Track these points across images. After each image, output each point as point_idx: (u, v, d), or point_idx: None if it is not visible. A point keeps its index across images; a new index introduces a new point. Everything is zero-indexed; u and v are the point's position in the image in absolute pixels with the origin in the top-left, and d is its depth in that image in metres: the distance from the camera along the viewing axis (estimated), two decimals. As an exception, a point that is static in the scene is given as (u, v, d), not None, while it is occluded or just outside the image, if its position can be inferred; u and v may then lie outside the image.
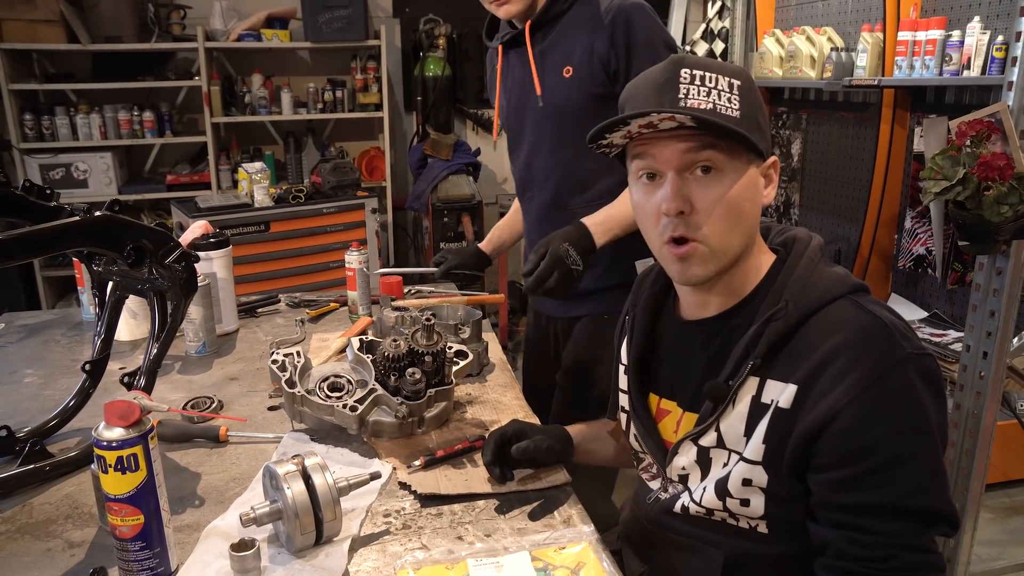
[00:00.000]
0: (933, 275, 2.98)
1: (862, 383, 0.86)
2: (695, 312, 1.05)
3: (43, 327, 1.90)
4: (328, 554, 0.99)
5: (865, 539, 0.87)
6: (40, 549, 1.02)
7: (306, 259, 3.56)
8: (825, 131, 3.58)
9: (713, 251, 0.94)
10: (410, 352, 1.31)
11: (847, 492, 0.88)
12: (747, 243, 0.97)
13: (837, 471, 0.88)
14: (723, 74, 0.93)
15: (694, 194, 0.93)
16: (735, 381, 0.95)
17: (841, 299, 0.94)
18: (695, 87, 0.91)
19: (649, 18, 1.55)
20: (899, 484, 0.87)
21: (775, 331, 0.93)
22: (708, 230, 0.93)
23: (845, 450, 0.87)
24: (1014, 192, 1.77)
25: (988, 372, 1.98)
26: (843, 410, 0.87)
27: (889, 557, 0.86)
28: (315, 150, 4.32)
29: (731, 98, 0.92)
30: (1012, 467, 2.74)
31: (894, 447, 0.86)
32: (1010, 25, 2.42)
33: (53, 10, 3.69)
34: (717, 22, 3.98)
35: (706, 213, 0.93)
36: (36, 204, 1.22)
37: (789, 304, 0.93)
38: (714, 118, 0.89)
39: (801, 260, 0.98)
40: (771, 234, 1.05)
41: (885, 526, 0.87)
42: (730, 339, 0.98)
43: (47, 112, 3.89)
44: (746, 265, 0.99)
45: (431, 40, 4.23)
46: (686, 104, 0.91)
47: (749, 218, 0.96)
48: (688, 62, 0.93)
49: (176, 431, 1.31)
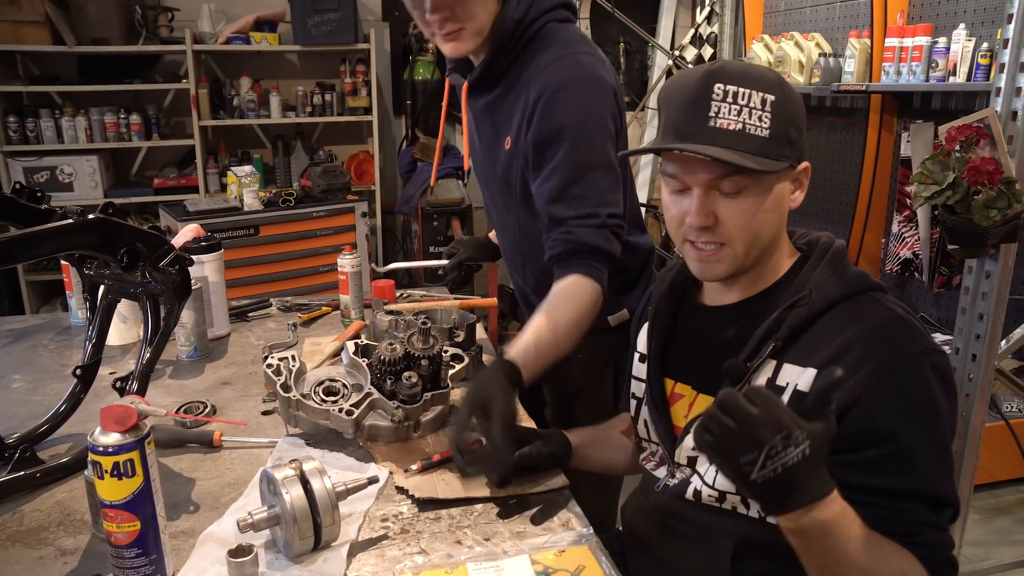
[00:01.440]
0: (920, 279, 3.00)
1: (880, 372, 0.90)
2: (718, 299, 1.09)
3: (31, 332, 1.88)
4: (326, 559, 0.98)
5: (891, 515, 0.89)
6: (32, 557, 1.01)
7: (296, 263, 3.54)
8: (813, 136, 3.61)
9: (738, 254, 0.99)
10: (406, 356, 1.31)
11: (866, 474, 0.91)
12: (771, 243, 1.01)
13: (855, 454, 0.91)
14: (758, 89, 0.93)
15: (719, 208, 0.97)
16: (754, 362, 0.98)
17: (860, 295, 0.98)
18: (727, 104, 0.93)
19: (581, 95, 1.30)
20: (915, 472, 0.90)
21: (798, 316, 0.96)
22: (735, 237, 0.98)
23: (863, 435, 0.90)
24: (1003, 196, 1.79)
25: (977, 374, 2.00)
26: (861, 397, 0.90)
27: (915, 532, 0.89)
28: (304, 154, 4.30)
29: (762, 116, 0.93)
30: (999, 468, 2.77)
31: (908, 436, 0.90)
32: (994, 33, 2.46)
33: (38, 11, 3.65)
34: (706, 27, 4.01)
35: (731, 225, 0.97)
36: (27, 207, 1.21)
37: (813, 293, 0.97)
38: (739, 145, 0.91)
39: (825, 256, 1.02)
40: (795, 236, 1.09)
41: (907, 506, 0.90)
42: (751, 324, 1.01)
43: (32, 114, 3.84)
44: (770, 261, 1.03)
45: (420, 44, 4.23)
46: (715, 124, 0.93)
47: (773, 225, 1.00)
48: (724, 75, 0.93)
49: (169, 436, 1.29)
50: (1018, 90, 1.83)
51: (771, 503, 0.81)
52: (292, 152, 4.29)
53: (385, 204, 4.40)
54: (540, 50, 1.35)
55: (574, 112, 1.29)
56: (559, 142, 1.30)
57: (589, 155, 1.30)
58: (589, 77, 1.31)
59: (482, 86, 1.42)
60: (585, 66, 1.32)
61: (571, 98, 1.29)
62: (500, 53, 1.36)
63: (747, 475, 0.77)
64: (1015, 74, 1.84)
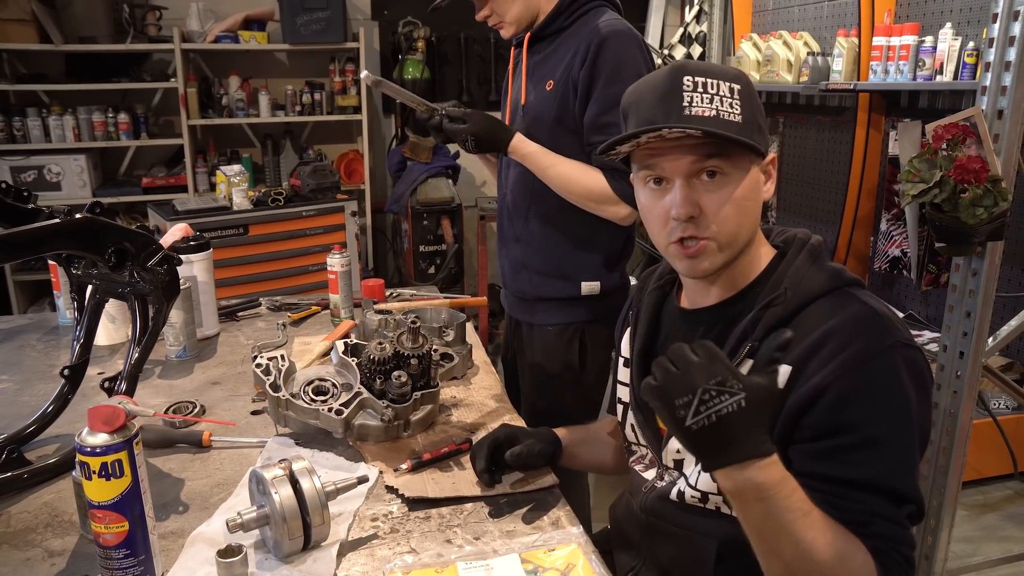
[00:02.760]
0: (908, 277, 3.02)
1: (849, 363, 0.90)
2: (697, 301, 1.08)
3: (17, 332, 1.86)
4: (316, 559, 0.98)
5: (844, 504, 0.89)
6: (19, 559, 1.00)
7: (286, 262, 3.52)
8: (801, 135, 3.62)
9: (722, 246, 0.99)
10: (396, 355, 1.31)
11: (824, 463, 0.91)
12: (751, 236, 1.02)
13: (817, 443, 0.91)
14: (724, 79, 0.96)
15: (702, 198, 0.97)
16: (732, 363, 0.96)
17: (837, 290, 0.97)
18: (698, 95, 0.95)
19: (624, 45, 1.59)
20: (872, 464, 0.89)
21: (773, 316, 0.96)
22: (717, 228, 0.98)
23: (826, 424, 0.91)
24: (989, 194, 1.81)
25: (964, 372, 2.02)
26: (829, 387, 0.90)
27: (866, 523, 0.89)
28: (293, 153, 4.29)
29: (732, 103, 0.96)
30: (986, 465, 2.80)
31: (872, 428, 0.89)
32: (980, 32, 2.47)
33: (25, 9, 3.62)
34: (695, 26, 4.01)
35: (714, 214, 0.97)
36: (13, 206, 1.20)
37: (788, 291, 0.97)
38: (718, 128, 0.93)
39: (801, 253, 1.02)
40: (772, 234, 1.09)
41: (861, 497, 0.89)
42: (730, 325, 1.01)
43: (19, 113, 3.81)
44: (748, 257, 1.03)
45: (410, 43, 4.21)
46: (691, 112, 0.94)
47: (753, 214, 1.01)
48: (689, 69, 0.97)
49: (158, 436, 1.29)
50: (1003, 89, 1.84)
51: (705, 454, 0.83)
52: (281, 151, 4.27)
53: (375, 203, 4.39)
54: (592, 18, 1.64)
55: (614, 57, 1.57)
56: (599, 79, 1.58)
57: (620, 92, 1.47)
58: (629, 34, 1.61)
59: (538, 42, 1.72)
60: (628, 28, 1.63)
61: (614, 46, 1.58)
62: (557, 17, 1.67)
63: (682, 420, 0.81)
64: (1000, 73, 1.85)
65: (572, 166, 1.63)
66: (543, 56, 1.71)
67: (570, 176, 1.63)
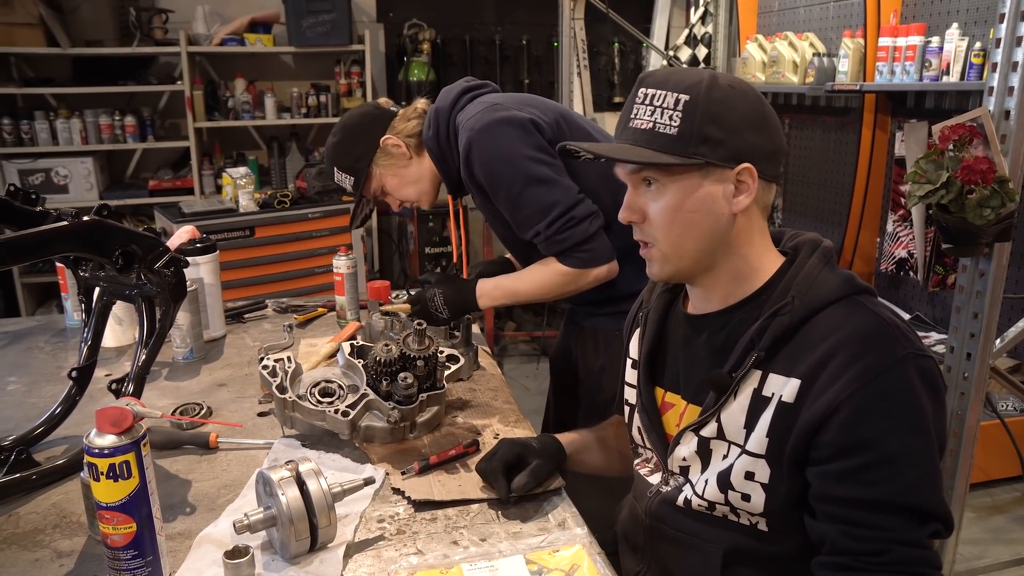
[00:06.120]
0: (915, 278, 3.01)
1: (862, 378, 0.88)
2: (700, 307, 1.07)
3: (25, 334, 1.87)
4: (323, 560, 0.99)
5: (861, 533, 0.88)
6: (28, 559, 1.01)
7: (292, 264, 3.53)
8: (807, 135, 3.62)
9: (666, 255, 1.01)
10: (402, 356, 1.31)
11: (843, 485, 0.90)
12: (710, 247, 0.99)
13: (834, 463, 0.90)
14: (675, 90, 0.95)
15: (647, 205, 1.00)
16: (738, 373, 0.96)
17: (846, 299, 0.95)
18: (644, 107, 0.98)
19: (489, 142, 1.48)
20: (894, 481, 0.88)
21: (780, 325, 0.95)
22: (659, 236, 1.00)
23: (843, 443, 0.89)
24: (996, 195, 1.80)
25: (972, 373, 2.01)
26: (843, 404, 0.88)
27: (883, 551, 0.87)
28: (299, 155, 4.30)
29: (672, 115, 0.95)
30: (994, 467, 2.78)
31: (890, 443, 0.88)
32: (987, 32, 2.47)
33: (32, 13, 3.64)
34: (700, 27, 4.01)
35: (654, 222, 1.00)
36: (22, 209, 1.20)
37: (795, 300, 0.96)
38: (645, 141, 0.96)
39: (809, 260, 1.00)
40: (784, 239, 1.07)
41: (880, 520, 0.88)
42: (735, 333, 1.00)
43: (26, 116, 3.84)
44: (742, 266, 1.01)
45: (415, 45, 4.23)
46: (632, 124, 0.98)
47: (703, 226, 0.98)
48: (648, 80, 0.99)
49: (165, 438, 1.29)
50: (1011, 89, 1.83)
51: None
52: (287, 153, 4.29)
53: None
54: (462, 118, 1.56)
55: (485, 165, 1.50)
56: (488, 188, 1.53)
57: (510, 186, 1.49)
58: (493, 121, 1.48)
59: (461, 191, 1.70)
60: (483, 119, 1.49)
61: (479, 150, 1.49)
62: (443, 166, 1.63)
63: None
64: (1008, 73, 1.84)
65: (532, 276, 1.57)
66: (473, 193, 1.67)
67: (536, 286, 1.56)
